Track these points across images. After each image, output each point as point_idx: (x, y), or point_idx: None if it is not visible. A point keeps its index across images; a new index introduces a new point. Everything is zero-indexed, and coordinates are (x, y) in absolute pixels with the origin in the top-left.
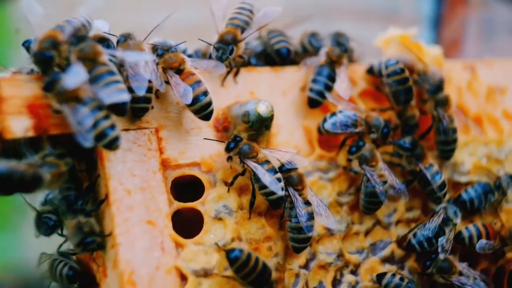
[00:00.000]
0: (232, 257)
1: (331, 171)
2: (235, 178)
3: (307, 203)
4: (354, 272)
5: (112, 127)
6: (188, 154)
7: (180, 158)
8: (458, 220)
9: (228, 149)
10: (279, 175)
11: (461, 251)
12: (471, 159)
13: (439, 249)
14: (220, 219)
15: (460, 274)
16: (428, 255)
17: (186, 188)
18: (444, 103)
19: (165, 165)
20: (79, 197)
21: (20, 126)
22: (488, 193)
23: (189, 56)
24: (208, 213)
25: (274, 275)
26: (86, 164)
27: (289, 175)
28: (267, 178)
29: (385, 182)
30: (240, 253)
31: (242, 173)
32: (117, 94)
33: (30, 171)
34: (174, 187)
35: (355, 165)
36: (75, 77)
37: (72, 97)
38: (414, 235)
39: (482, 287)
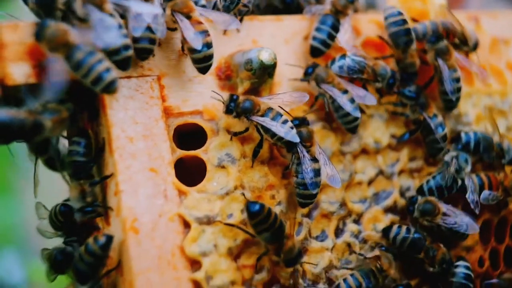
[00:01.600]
0: (253, 211)
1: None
2: (241, 132)
3: (314, 159)
4: (356, 222)
5: (107, 70)
6: (190, 102)
7: (182, 106)
8: (469, 168)
9: (228, 111)
10: (289, 123)
11: (464, 201)
12: (474, 110)
13: (472, 206)
14: (223, 167)
15: (444, 215)
16: (409, 200)
17: (189, 138)
18: (445, 52)
19: (167, 113)
20: (87, 166)
21: (21, 73)
22: (490, 142)
23: (203, 6)
24: (210, 161)
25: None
26: (89, 113)
27: (299, 130)
28: (279, 129)
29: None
30: (261, 208)
31: (247, 129)
32: (115, 39)
33: (31, 119)
34: (177, 137)
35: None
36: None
37: (63, 44)
38: (427, 181)
39: (467, 221)
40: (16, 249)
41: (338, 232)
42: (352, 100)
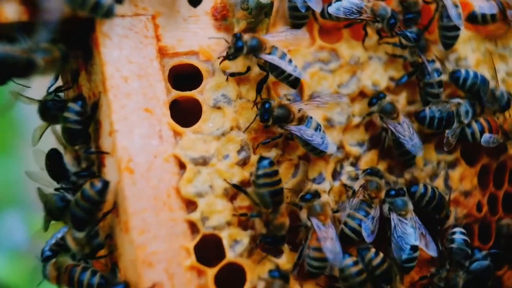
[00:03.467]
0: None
1: (332, 62)
2: (239, 73)
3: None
4: (354, 165)
5: None
6: (185, 42)
7: (177, 46)
8: (466, 121)
9: (237, 50)
10: (294, 62)
11: (462, 146)
12: (474, 55)
13: (445, 141)
14: (218, 108)
15: (399, 124)
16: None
17: (185, 82)
18: None
19: (162, 53)
20: (81, 133)
21: (13, 10)
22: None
23: None
24: (206, 102)
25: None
26: (83, 53)
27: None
28: (288, 67)
29: None
30: (271, 162)
31: (248, 70)
32: None
33: (24, 56)
34: (173, 80)
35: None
36: None
37: None
38: (430, 108)
39: (417, 143)
40: (17, 208)
41: (336, 175)
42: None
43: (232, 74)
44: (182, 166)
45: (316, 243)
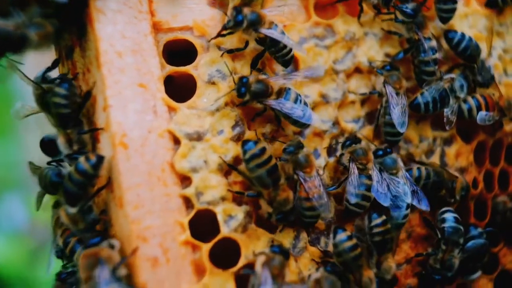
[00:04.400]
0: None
1: (327, 38)
2: (238, 50)
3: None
4: None
5: None
6: (180, 17)
7: (172, 22)
8: (462, 95)
9: (236, 24)
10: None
11: (458, 123)
12: (471, 31)
13: (445, 120)
14: (213, 83)
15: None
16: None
17: (179, 59)
18: None
19: (156, 28)
20: (72, 117)
21: None
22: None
23: None
24: (201, 77)
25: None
26: (77, 29)
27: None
28: (288, 41)
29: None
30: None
31: (246, 45)
32: None
33: (18, 31)
34: (167, 56)
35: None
36: None
37: None
38: (422, 94)
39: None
40: (17, 189)
41: (331, 151)
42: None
43: (230, 51)
44: (176, 141)
45: (304, 193)
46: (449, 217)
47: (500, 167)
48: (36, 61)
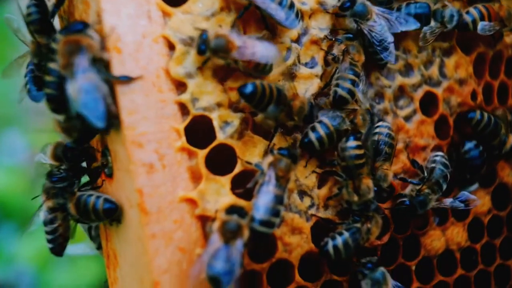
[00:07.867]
0: (248, 93)
1: None
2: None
3: None
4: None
5: None
6: None
7: None
8: (453, 23)
9: None
10: None
11: (459, 35)
12: None
13: (421, 36)
14: None
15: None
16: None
17: None
18: None
19: None
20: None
21: None
22: None
23: None
24: None
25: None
26: None
27: None
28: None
29: None
30: (254, 88)
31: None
32: None
33: None
34: None
35: None
36: None
37: None
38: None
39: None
40: (17, 126)
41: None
42: None
43: None
44: (171, 47)
45: None
46: (440, 160)
47: (500, 80)
48: None
